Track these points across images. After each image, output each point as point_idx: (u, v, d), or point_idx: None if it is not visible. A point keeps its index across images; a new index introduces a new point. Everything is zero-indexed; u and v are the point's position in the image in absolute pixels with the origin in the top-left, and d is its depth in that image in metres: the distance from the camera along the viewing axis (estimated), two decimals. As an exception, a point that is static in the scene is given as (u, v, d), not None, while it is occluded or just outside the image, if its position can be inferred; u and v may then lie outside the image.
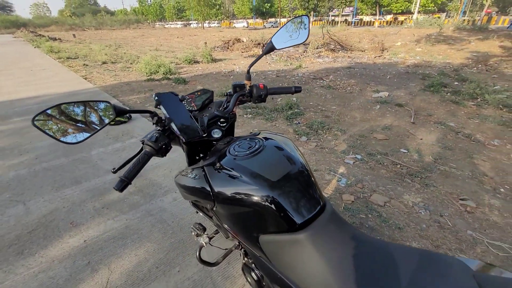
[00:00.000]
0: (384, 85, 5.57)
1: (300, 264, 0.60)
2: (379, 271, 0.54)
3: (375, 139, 3.02)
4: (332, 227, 0.62)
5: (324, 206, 0.66)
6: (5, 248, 1.51)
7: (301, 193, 0.65)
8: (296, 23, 0.96)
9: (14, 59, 10.10)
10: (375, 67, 7.74)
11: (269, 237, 0.65)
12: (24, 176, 2.21)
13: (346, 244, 0.60)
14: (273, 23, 47.43)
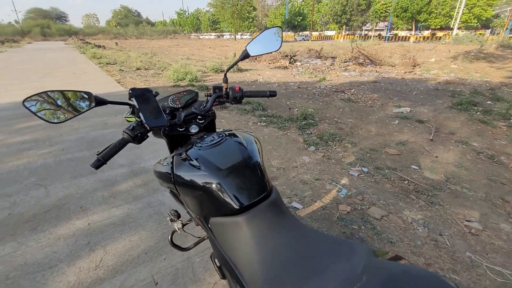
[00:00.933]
0: (408, 100, 5.38)
1: (238, 244, 0.65)
2: (300, 253, 0.58)
3: (386, 154, 2.93)
4: (270, 213, 0.68)
5: (268, 195, 0.72)
6: (23, 223, 1.71)
7: (245, 182, 0.72)
8: (270, 33, 1.04)
9: (61, 64, 11.27)
10: (402, 82, 7.50)
11: (216, 219, 0.72)
12: (50, 164, 2.48)
13: (279, 229, 0.65)
14: (304, 37, 47.75)
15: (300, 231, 0.65)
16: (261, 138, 3.36)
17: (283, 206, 0.73)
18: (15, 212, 1.82)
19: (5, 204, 1.90)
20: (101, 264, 1.40)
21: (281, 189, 2.22)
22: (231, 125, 3.88)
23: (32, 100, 0.71)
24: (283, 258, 0.58)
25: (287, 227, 0.66)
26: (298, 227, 0.66)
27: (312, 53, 15.49)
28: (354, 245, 0.58)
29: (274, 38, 1.03)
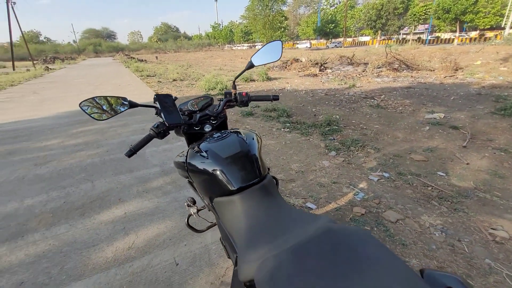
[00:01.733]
0: (443, 106, 5.09)
1: (233, 218, 0.80)
2: (276, 223, 0.71)
3: (411, 160, 2.86)
4: (260, 194, 0.81)
5: (261, 181, 0.85)
6: (74, 210, 2.03)
7: (241, 168, 0.86)
8: (272, 46, 1.19)
9: (109, 77, 12.58)
10: (440, 87, 7.09)
11: (218, 199, 0.87)
12: (96, 163, 2.87)
13: (264, 206, 0.78)
14: (337, 43, 46.93)
15: (281, 208, 0.78)
16: (283, 143, 3.47)
17: (274, 190, 0.87)
18: (68, 201, 2.16)
19: (61, 194, 2.26)
20: (133, 245, 1.63)
21: (297, 191, 2.30)
22: (255, 130, 4.05)
23: (85, 104, 0.94)
24: (263, 226, 0.71)
25: (272, 205, 0.79)
26: (281, 206, 0.79)
27: (343, 60, 15.22)
28: (320, 217, 0.69)
29: (275, 50, 1.17)
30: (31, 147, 3.46)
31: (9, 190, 2.37)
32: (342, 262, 0.52)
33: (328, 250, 0.55)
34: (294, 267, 0.53)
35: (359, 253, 0.53)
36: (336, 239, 0.58)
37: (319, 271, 0.51)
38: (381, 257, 0.51)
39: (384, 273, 0.48)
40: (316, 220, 0.68)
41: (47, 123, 4.61)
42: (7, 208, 2.09)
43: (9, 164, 2.95)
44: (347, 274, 0.49)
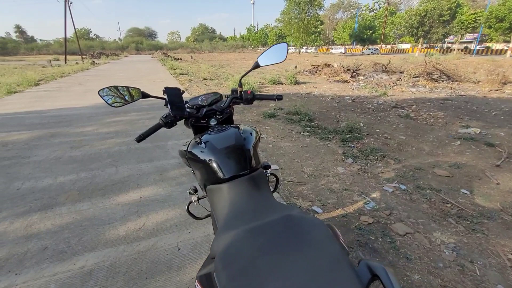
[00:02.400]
0: (481, 121, 4.72)
1: (220, 204, 0.86)
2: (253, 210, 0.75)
3: (434, 174, 2.71)
4: (247, 185, 0.86)
5: (251, 172, 0.90)
6: (97, 190, 2.23)
7: (233, 159, 0.92)
8: (278, 48, 1.23)
9: (145, 73, 13.37)
10: (482, 101, 6.57)
11: (210, 186, 0.94)
12: (122, 150, 3.10)
13: (248, 195, 0.83)
14: (373, 50, 45.14)
15: (262, 199, 0.82)
16: (300, 146, 3.47)
17: (262, 183, 0.91)
18: (93, 182, 2.38)
19: (88, 175, 2.50)
20: (143, 227, 1.76)
21: (306, 194, 2.30)
22: (275, 132, 4.09)
23: (103, 91, 1.07)
24: (241, 212, 0.76)
25: (255, 195, 0.83)
26: (263, 197, 0.83)
27: (378, 67, 14.65)
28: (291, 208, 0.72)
29: (281, 51, 1.21)
30: (70, 132, 3.83)
31: (47, 167, 2.67)
32: (288, 242, 0.55)
33: (280, 231, 0.59)
34: (246, 244, 0.57)
35: (306, 236, 0.56)
36: (290, 223, 0.61)
37: (266, 248, 0.55)
38: (324, 242, 0.54)
39: (321, 256, 0.50)
40: (286, 209, 0.72)
41: (86, 112, 5.06)
42: (43, 183, 2.35)
43: (50, 145, 3.30)
44: (289, 253, 0.53)
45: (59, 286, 1.34)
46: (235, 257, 0.54)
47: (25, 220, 1.85)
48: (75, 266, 1.45)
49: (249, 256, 0.53)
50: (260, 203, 0.80)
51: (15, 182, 2.37)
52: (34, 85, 9.00)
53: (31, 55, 50.54)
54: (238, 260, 0.53)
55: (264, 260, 0.52)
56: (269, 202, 0.81)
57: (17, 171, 2.59)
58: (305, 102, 6.25)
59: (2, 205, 2.02)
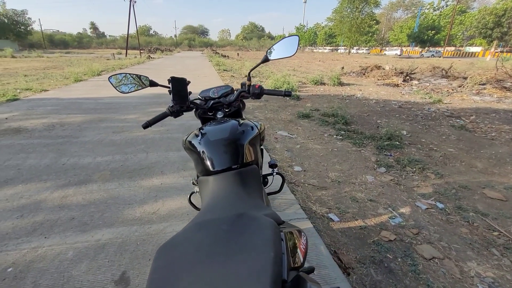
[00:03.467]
0: (560, 139, 3.93)
1: (205, 195, 0.85)
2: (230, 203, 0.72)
3: (482, 196, 2.33)
4: (232, 180, 0.84)
5: (240, 167, 0.87)
6: (126, 173, 2.41)
7: (223, 153, 0.89)
8: (289, 40, 1.15)
9: (192, 68, 14.09)
10: None
11: (201, 178, 0.93)
12: (155, 138, 3.31)
13: (230, 189, 0.80)
14: (434, 53, 40.77)
15: (244, 194, 0.78)
16: (330, 150, 3.29)
17: (250, 179, 0.87)
18: (125, 165, 2.58)
19: (122, 158, 2.71)
20: (157, 212, 1.85)
21: (325, 199, 2.18)
22: (305, 133, 3.96)
23: (114, 77, 1.13)
24: (217, 206, 0.73)
25: (237, 191, 0.80)
26: (246, 193, 0.79)
27: (436, 71, 13.24)
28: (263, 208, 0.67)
29: (291, 45, 1.14)
30: (115, 118, 4.22)
31: (90, 148, 2.97)
32: (225, 241, 0.51)
33: (223, 230, 0.55)
34: (187, 238, 0.54)
35: (246, 238, 0.51)
36: (239, 222, 0.56)
37: (200, 245, 0.51)
38: (261, 248, 0.48)
39: (246, 264, 0.45)
40: (252, 209, 0.67)
41: (133, 101, 5.52)
42: (84, 161, 2.63)
43: (97, 128, 3.67)
44: (220, 253, 0.48)
45: (76, 253, 1.47)
46: (170, 249, 0.52)
47: (63, 191, 2.09)
48: (92, 238, 1.59)
49: (183, 250, 0.51)
50: (238, 199, 0.77)
51: (62, 158, 2.68)
52: (96, 75, 10.14)
53: (100, 49, 57.24)
54: (171, 253, 0.51)
55: (194, 256, 0.49)
56: (249, 199, 0.76)
57: (66, 148, 2.94)
58: (344, 105, 5.93)
59: (49, 176, 2.31)
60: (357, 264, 1.50)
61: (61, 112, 4.51)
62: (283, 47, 1.16)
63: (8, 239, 1.57)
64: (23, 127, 3.64)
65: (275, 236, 0.51)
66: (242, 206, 0.71)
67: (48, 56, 24.45)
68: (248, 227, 0.54)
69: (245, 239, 0.51)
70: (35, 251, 1.48)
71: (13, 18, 45.93)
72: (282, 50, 1.16)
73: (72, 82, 7.98)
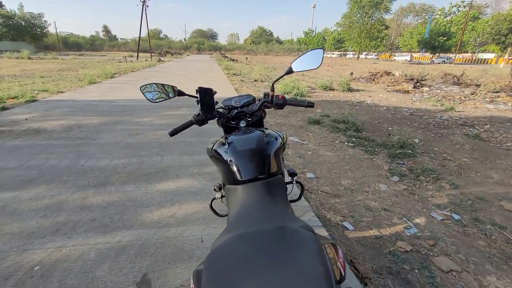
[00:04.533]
0: None
1: (234, 204, 0.87)
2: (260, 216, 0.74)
3: (500, 208, 2.30)
4: (260, 190, 0.86)
5: (267, 178, 0.90)
6: (141, 176, 2.47)
7: (251, 163, 0.92)
8: (314, 53, 1.18)
9: (202, 72, 14.26)
10: None
11: (228, 186, 0.96)
12: (170, 142, 3.37)
13: (259, 200, 0.82)
14: (445, 59, 40.23)
15: (273, 206, 0.80)
16: (341, 157, 3.30)
17: (277, 190, 0.90)
18: (141, 167, 2.64)
19: (138, 161, 2.78)
20: (174, 215, 1.89)
21: (338, 207, 2.18)
22: (316, 139, 3.96)
23: (145, 87, 1.18)
24: (248, 216, 0.76)
25: (266, 201, 0.82)
26: (274, 204, 0.82)
27: (448, 78, 13.08)
28: (296, 220, 0.69)
29: (316, 58, 1.17)
30: (130, 121, 4.32)
31: (106, 150, 3.05)
32: (272, 254, 0.53)
33: (267, 242, 0.57)
34: (232, 248, 0.57)
35: (292, 252, 0.53)
36: (281, 235, 0.58)
37: (249, 256, 0.53)
38: (309, 262, 0.50)
39: (299, 275, 0.47)
40: (288, 220, 0.69)
41: (146, 104, 5.63)
42: (102, 163, 2.70)
43: (112, 131, 3.76)
44: (269, 265, 0.50)
45: (98, 254, 1.52)
46: (220, 259, 0.55)
47: (83, 192, 2.15)
48: (113, 240, 1.63)
49: (231, 262, 0.53)
50: (269, 210, 0.79)
51: (81, 159, 2.76)
52: (109, 77, 10.37)
53: (112, 51, 58.50)
54: (221, 262, 0.54)
55: (242, 268, 0.51)
56: (279, 210, 0.79)
57: (84, 150, 3.02)
58: (355, 111, 5.91)
59: (69, 177, 2.39)
60: (374, 275, 1.50)
61: (77, 114, 4.64)
62: (308, 60, 1.19)
63: (34, 238, 1.63)
64: (42, 128, 3.76)
65: (320, 250, 0.53)
66: (278, 217, 0.73)
67: (63, 58, 25.14)
68: (291, 240, 0.57)
69: (291, 252, 0.53)
70: (60, 250, 1.54)
71: (30, 21, 47.51)
72: (307, 62, 1.19)
73: (86, 84, 8.18)
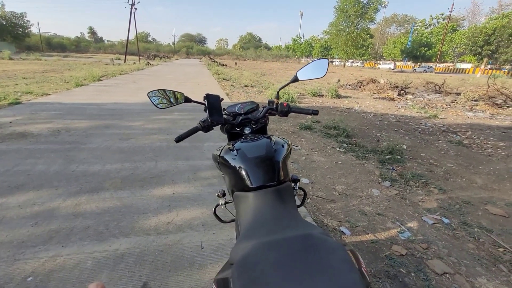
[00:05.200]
0: (553, 158, 4.09)
1: (245, 211, 0.88)
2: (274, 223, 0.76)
3: (485, 212, 2.41)
4: (272, 197, 0.87)
5: (278, 184, 0.91)
6: (136, 182, 2.42)
7: (262, 169, 0.93)
8: (319, 63, 1.22)
9: (192, 76, 14.20)
10: (557, 135, 5.70)
11: (238, 193, 0.96)
12: (163, 147, 3.33)
13: (271, 206, 0.83)
14: (426, 68, 42.02)
15: (285, 212, 0.82)
16: (334, 162, 3.36)
17: (287, 196, 0.91)
18: (135, 173, 2.59)
19: (131, 166, 2.72)
20: (172, 222, 1.87)
21: (335, 213, 2.22)
22: (309, 145, 4.03)
23: (152, 94, 1.18)
24: (263, 223, 0.77)
25: (278, 208, 0.84)
26: (286, 210, 0.83)
27: (430, 86, 13.64)
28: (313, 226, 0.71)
29: (321, 67, 1.21)
30: (120, 125, 4.23)
31: (98, 155, 2.97)
32: (303, 262, 0.55)
33: (296, 250, 0.58)
34: (262, 256, 0.58)
35: (322, 260, 0.55)
36: (309, 243, 0.60)
37: (280, 264, 0.55)
38: (342, 269, 0.52)
39: (335, 283, 0.49)
40: (307, 227, 0.71)
41: (136, 108, 5.54)
42: (94, 168, 2.63)
43: (103, 135, 3.68)
44: (301, 273, 0.52)
45: (95, 263, 1.48)
46: (251, 267, 0.55)
47: (76, 199, 2.08)
48: (110, 248, 1.59)
49: (263, 269, 0.54)
50: (283, 216, 0.80)
51: (72, 164, 2.68)
52: (97, 80, 10.13)
53: (98, 54, 57.19)
54: (253, 270, 0.54)
55: (277, 276, 0.52)
56: (292, 217, 0.80)
57: (74, 154, 2.93)
58: (344, 117, 6.05)
59: (59, 183, 2.31)
60: (373, 278, 1.53)
61: (65, 117, 4.50)
62: (313, 69, 1.22)
63: (25, 247, 1.56)
64: (28, 131, 3.62)
65: (348, 256, 0.55)
66: (296, 224, 0.74)
67: (46, 59, 24.33)
68: (319, 248, 0.58)
69: (321, 259, 0.54)
70: (54, 260, 1.48)
71: (12, 20, 45.76)
72: (312, 71, 1.23)
73: (72, 87, 7.95)
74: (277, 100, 1.27)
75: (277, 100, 1.27)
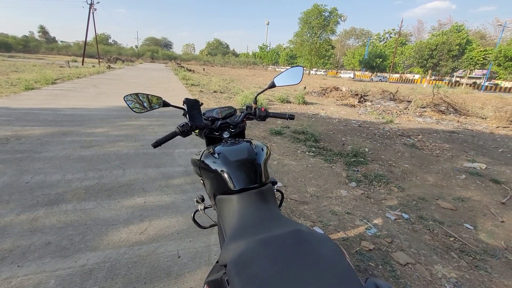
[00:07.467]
0: (487, 157, 4.71)
1: (229, 214, 0.89)
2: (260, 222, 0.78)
3: (437, 206, 2.69)
4: (255, 198, 0.90)
5: (260, 186, 0.94)
6: (103, 191, 2.27)
7: (245, 172, 0.96)
8: (294, 70, 1.30)
9: (158, 81, 13.73)
10: (489, 137, 6.57)
11: (220, 196, 0.97)
12: (131, 154, 3.17)
13: (255, 207, 0.86)
14: (382, 78, 45.93)
15: (270, 212, 0.85)
16: (305, 166, 3.49)
17: (270, 198, 0.95)
18: (100, 182, 2.42)
19: (96, 176, 2.54)
20: (145, 232, 1.78)
21: (308, 214, 2.31)
22: (280, 149, 4.13)
23: (129, 97, 1.14)
24: (249, 224, 0.79)
25: (262, 209, 0.87)
26: (270, 211, 0.87)
27: (385, 94, 14.87)
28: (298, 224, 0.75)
29: (297, 74, 1.28)
30: (81, 132, 3.93)
31: (57, 164, 2.73)
32: (298, 255, 0.58)
33: (290, 244, 0.62)
34: (257, 253, 0.60)
35: (315, 251, 0.59)
36: (300, 238, 0.64)
37: (277, 258, 0.57)
38: (333, 258, 0.56)
39: (330, 271, 0.53)
40: (293, 225, 0.75)
41: (98, 114, 5.20)
42: (52, 179, 2.41)
43: (61, 143, 3.38)
44: (299, 265, 0.55)
45: (59, 282, 1.35)
46: (247, 264, 0.57)
47: (32, 213, 1.89)
48: (76, 264, 1.47)
49: (261, 264, 0.56)
50: (269, 216, 0.83)
51: (25, 175, 2.42)
52: (51, 83, 9.29)
53: (50, 55, 52.44)
54: (250, 267, 0.56)
55: (275, 269, 0.54)
56: (277, 217, 0.84)
57: (28, 164, 2.66)
58: (312, 123, 6.32)
59: (11, 197, 2.07)
60: (346, 273, 1.62)
61: (14, 123, 4.05)
62: (289, 76, 1.28)
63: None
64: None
65: (337, 247, 0.59)
66: (283, 222, 0.77)
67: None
68: (310, 241, 0.62)
69: (314, 251, 0.58)
70: (9, 282, 1.32)
71: None
72: (288, 78, 1.29)
73: (22, 90, 7.19)
74: (254, 105, 1.31)
75: (255, 105, 1.31)
